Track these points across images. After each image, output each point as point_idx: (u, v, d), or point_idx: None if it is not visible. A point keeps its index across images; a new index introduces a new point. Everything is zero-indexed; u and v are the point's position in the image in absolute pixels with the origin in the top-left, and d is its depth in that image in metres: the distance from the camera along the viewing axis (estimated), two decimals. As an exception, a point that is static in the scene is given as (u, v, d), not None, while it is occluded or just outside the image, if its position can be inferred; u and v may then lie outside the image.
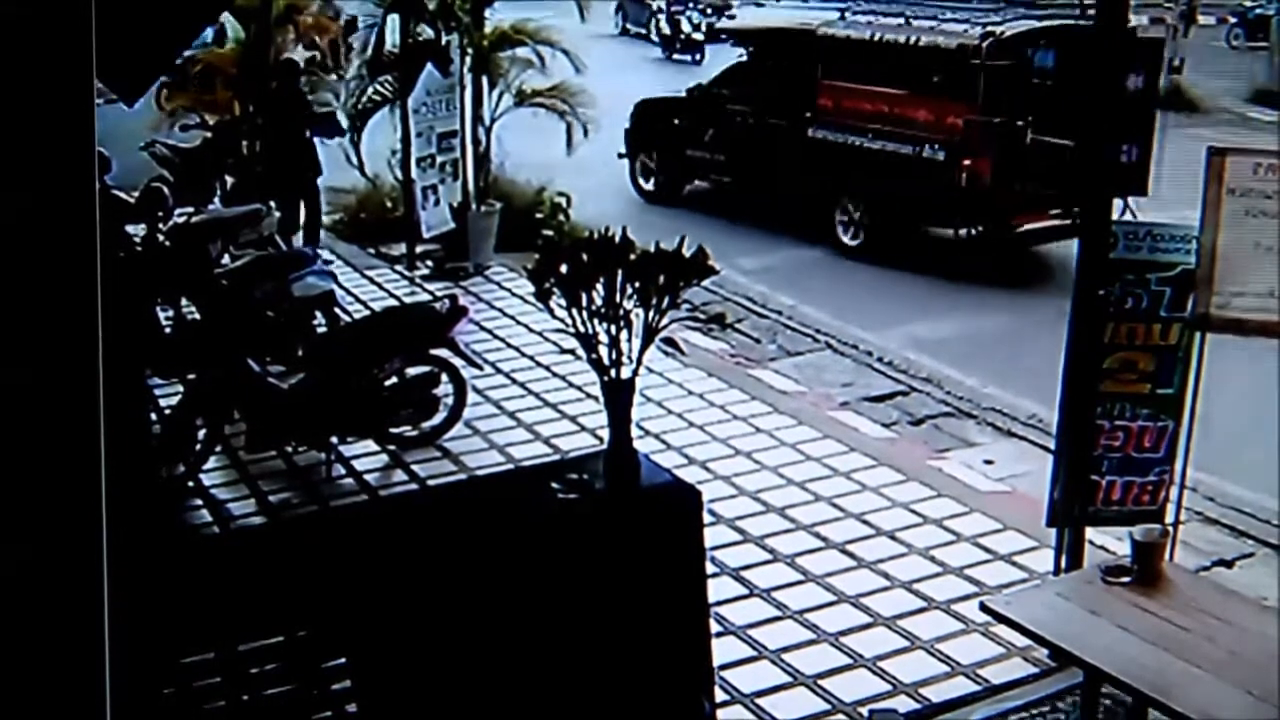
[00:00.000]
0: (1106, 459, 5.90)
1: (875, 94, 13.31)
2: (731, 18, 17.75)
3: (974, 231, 12.90)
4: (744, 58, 15.27)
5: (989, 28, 12.73)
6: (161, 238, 9.49)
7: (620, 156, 15.35)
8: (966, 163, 12.51)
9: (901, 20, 13.40)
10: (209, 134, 12.80)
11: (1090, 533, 6.09)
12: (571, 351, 4.38)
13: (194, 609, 3.66)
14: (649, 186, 15.60)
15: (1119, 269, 5.73)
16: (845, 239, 13.45)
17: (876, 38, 13.43)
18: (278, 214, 11.02)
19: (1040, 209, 12.86)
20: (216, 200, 11.83)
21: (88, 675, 1.63)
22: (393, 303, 10.92)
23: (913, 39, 13.11)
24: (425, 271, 12.02)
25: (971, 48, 12.54)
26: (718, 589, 5.91)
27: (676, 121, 15.09)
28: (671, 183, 15.40)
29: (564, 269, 4.22)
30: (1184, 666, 4.17)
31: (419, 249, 12.10)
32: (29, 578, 1.60)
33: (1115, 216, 5.55)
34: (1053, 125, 12.48)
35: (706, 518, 4.91)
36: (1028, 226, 12.93)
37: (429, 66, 11.52)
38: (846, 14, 14.11)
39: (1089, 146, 5.78)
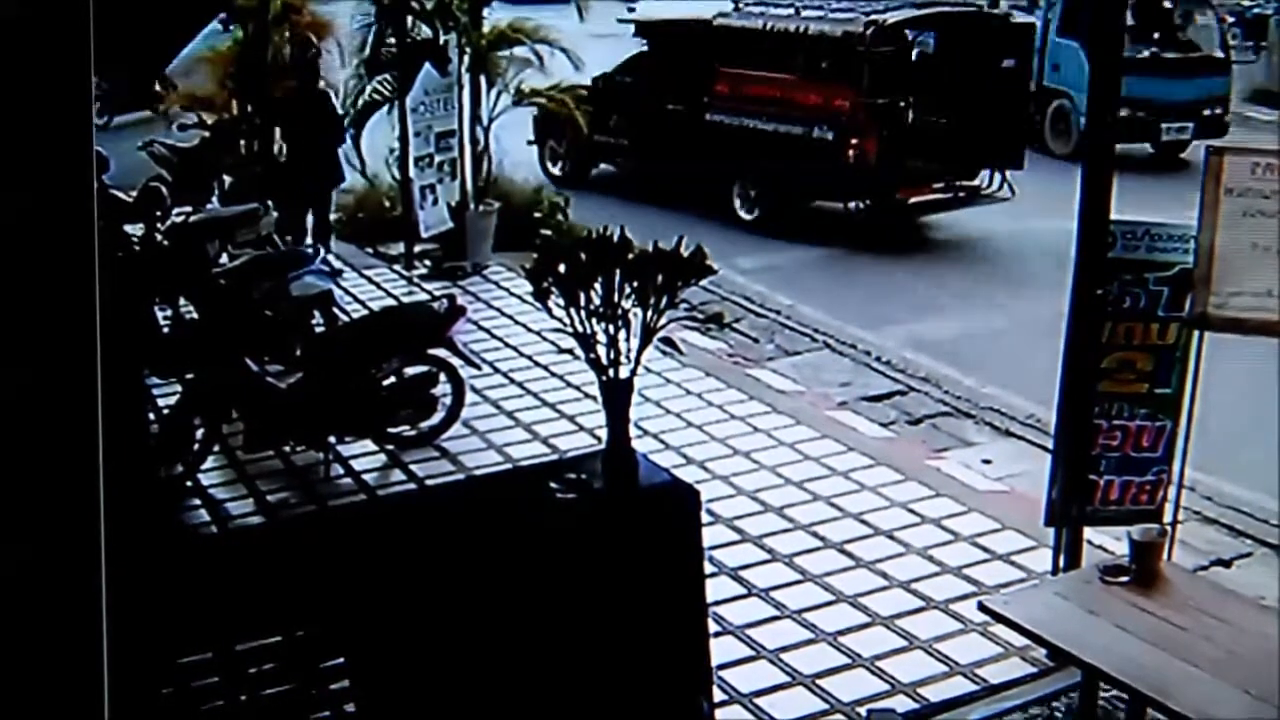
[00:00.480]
0: (1104, 458, 5.90)
1: (768, 80, 14.20)
2: (632, 10, 18.42)
3: (861, 205, 14.12)
4: (645, 48, 16.04)
5: (872, 16, 13.66)
6: (159, 237, 9.49)
7: (530, 143, 15.85)
8: (854, 141, 13.46)
9: (791, 10, 14.31)
10: (207, 133, 12.80)
11: (1088, 532, 6.09)
12: (570, 351, 4.37)
13: (192, 609, 3.66)
14: (557, 171, 16.17)
15: (1117, 268, 5.73)
16: (743, 214, 14.31)
17: (768, 27, 14.33)
18: (275, 213, 11.01)
19: (923, 182, 14.15)
20: (214, 200, 11.83)
21: (87, 675, 1.63)
22: (391, 302, 10.91)
23: (802, 28, 14.02)
24: (423, 271, 12.02)
25: (856, 35, 13.46)
26: (716, 588, 5.91)
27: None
28: (579, 166, 16.05)
29: (562, 268, 4.23)
30: (1182, 666, 4.17)
31: (417, 248, 12.09)
32: (28, 578, 1.60)
33: (992, 190, 5.56)
34: (932, 105, 14.02)
35: (705, 517, 4.91)
36: (912, 199, 14.13)
37: (427, 66, 11.52)
38: (740, 5, 15.05)
39: (1094, 146, 5.76)
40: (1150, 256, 5.75)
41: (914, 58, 14.36)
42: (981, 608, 4.83)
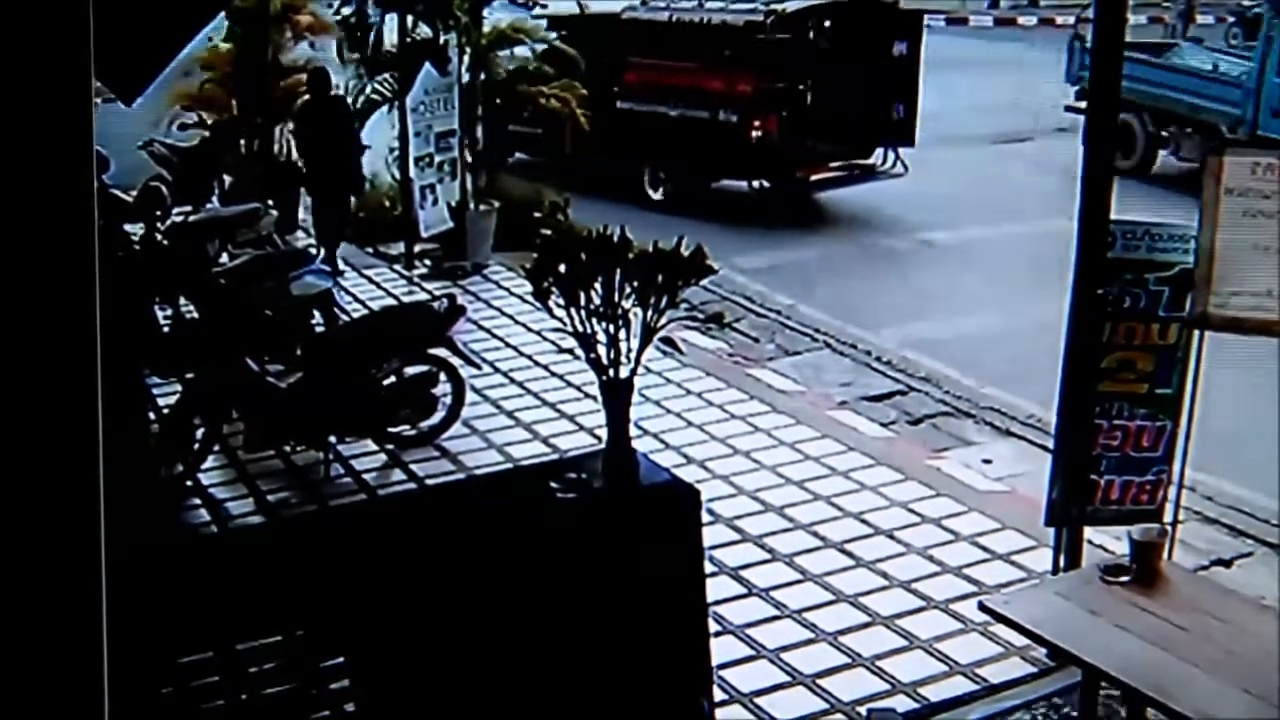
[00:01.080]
0: (1105, 458, 5.90)
1: (674, 69, 15.08)
2: (544, 6, 18.71)
3: (765, 184, 15.13)
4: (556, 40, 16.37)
5: (771, 5, 14.62)
6: (160, 237, 9.50)
7: None
8: (756, 124, 14.38)
9: (695, 3, 15.31)
10: (207, 133, 12.81)
11: (1089, 532, 6.09)
12: (570, 351, 4.37)
13: (192, 608, 3.65)
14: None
15: (1117, 268, 5.73)
16: (653, 195, 15.17)
17: (674, 19, 15.28)
18: (275, 213, 11.03)
19: (821, 161, 15.27)
20: (214, 200, 11.84)
21: (86, 675, 1.63)
22: (391, 302, 10.91)
23: (705, 19, 14.95)
24: (423, 271, 12.02)
25: (757, 24, 14.41)
26: (716, 588, 5.91)
27: (497, 100, 15.48)
28: (496, 156, 16.13)
29: (562, 268, 4.22)
30: (1182, 666, 4.17)
31: (417, 248, 12.10)
32: (28, 578, 1.60)
33: (885, 166, 5.55)
34: (830, 88, 14.81)
35: (705, 517, 4.91)
36: (812, 177, 15.23)
37: (427, 65, 11.52)
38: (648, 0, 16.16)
39: (1095, 146, 5.76)
40: (1150, 256, 5.75)
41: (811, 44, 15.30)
42: (982, 607, 4.83)
